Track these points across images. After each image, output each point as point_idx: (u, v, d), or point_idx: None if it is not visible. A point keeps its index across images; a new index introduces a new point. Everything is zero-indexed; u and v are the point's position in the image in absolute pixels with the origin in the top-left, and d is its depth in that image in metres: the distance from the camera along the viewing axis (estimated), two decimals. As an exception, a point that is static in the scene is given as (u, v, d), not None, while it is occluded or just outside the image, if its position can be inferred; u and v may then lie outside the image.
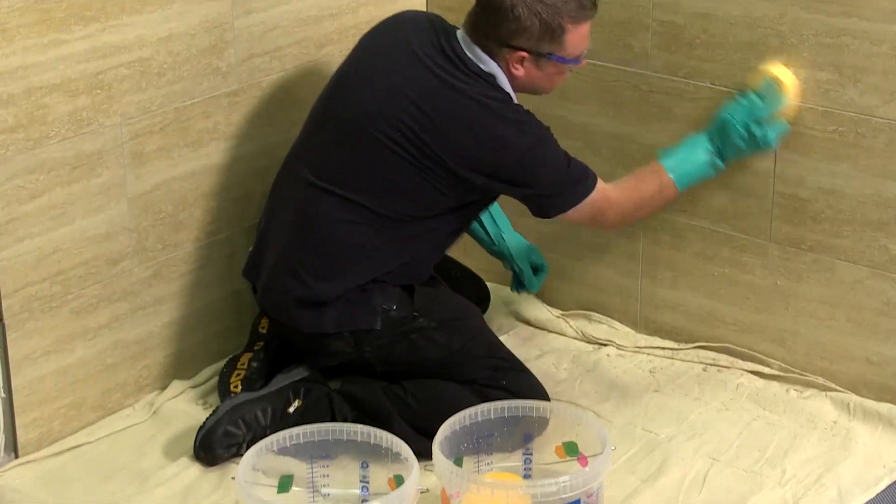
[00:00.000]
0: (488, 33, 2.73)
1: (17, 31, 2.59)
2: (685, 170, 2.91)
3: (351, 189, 2.76)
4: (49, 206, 2.74)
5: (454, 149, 2.71)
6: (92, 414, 2.94)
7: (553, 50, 2.73)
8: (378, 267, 2.79)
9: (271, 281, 2.85)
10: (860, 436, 2.88)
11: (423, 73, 2.74)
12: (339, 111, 2.82)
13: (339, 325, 2.78)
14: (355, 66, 2.87)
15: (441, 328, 2.82)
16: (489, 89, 2.73)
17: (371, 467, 2.62)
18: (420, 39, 2.78)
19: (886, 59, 2.79)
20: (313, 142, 2.85)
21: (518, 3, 2.68)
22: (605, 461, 2.50)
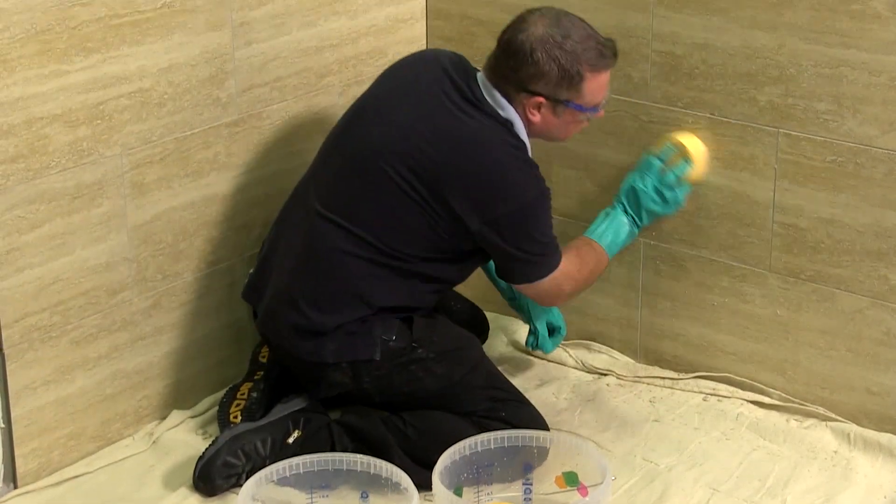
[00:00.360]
0: (507, 76, 2.72)
1: (18, 61, 2.60)
2: (612, 240, 2.97)
3: (357, 223, 2.76)
4: (49, 236, 2.74)
5: (460, 188, 2.70)
6: (91, 444, 2.93)
7: (571, 97, 2.73)
8: (380, 302, 2.78)
9: (272, 308, 2.85)
10: (861, 466, 2.87)
11: (439, 112, 2.74)
12: (351, 144, 2.82)
13: (337, 356, 2.78)
14: (372, 100, 2.88)
15: (440, 359, 2.82)
16: (505, 135, 2.73)
17: (371, 497, 2.62)
18: (440, 78, 2.78)
19: (885, 90, 2.80)
20: (324, 172, 2.85)
21: (538, 47, 2.67)
22: (606, 491, 2.50)
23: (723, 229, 3.10)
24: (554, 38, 2.68)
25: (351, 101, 3.26)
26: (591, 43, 2.71)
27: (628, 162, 3.16)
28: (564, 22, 2.71)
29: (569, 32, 2.69)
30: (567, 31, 2.69)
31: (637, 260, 3.23)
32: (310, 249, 2.80)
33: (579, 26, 2.72)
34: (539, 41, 2.68)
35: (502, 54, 2.73)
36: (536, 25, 2.69)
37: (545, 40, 2.68)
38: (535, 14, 2.72)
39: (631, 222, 3.00)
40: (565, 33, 2.69)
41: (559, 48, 2.68)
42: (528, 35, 2.69)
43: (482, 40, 3.34)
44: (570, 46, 2.68)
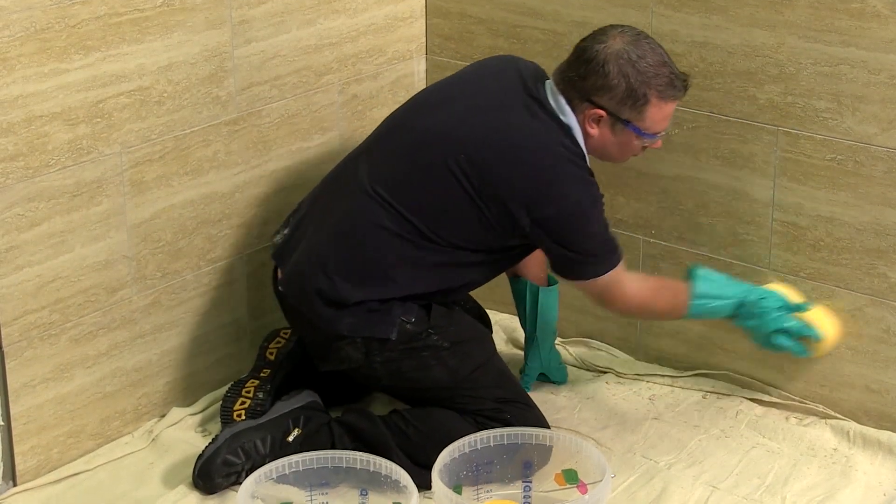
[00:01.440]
0: (574, 83, 2.73)
1: (18, 60, 2.60)
2: (700, 314, 2.89)
3: (404, 204, 2.75)
4: (48, 234, 2.74)
5: (512, 184, 2.70)
6: (91, 442, 2.93)
7: (632, 118, 2.72)
8: (406, 287, 2.78)
9: (299, 269, 2.82)
10: (860, 463, 2.87)
11: (502, 107, 2.75)
12: (412, 126, 2.83)
13: (354, 330, 2.77)
14: (440, 88, 2.90)
15: (452, 350, 2.81)
16: (563, 138, 2.73)
17: (370, 495, 2.62)
18: (511, 77, 2.80)
19: (884, 88, 2.80)
20: (379, 149, 2.85)
21: (611, 60, 2.68)
22: (605, 489, 2.50)
23: (722, 227, 3.10)
24: (629, 56, 2.68)
25: (350, 99, 3.27)
26: (665, 70, 2.71)
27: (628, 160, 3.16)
28: (643, 43, 2.71)
29: (645, 54, 2.69)
30: (644, 52, 2.69)
31: (636, 258, 3.23)
32: (351, 221, 2.79)
33: (657, 52, 2.72)
34: (614, 55, 2.68)
35: (575, 60, 2.73)
36: (615, 39, 2.70)
37: (620, 55, 2.68)
38: (616, 29, 2.73)
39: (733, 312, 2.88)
40: (641, 54, 2.69)
41: (632, 66, 2.68)
42: (605, 47, 2.69)
43: (481, 39, 3.34)
44: (643, 68, 2.68)
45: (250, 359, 3.17)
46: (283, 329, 3.10)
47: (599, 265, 2.78)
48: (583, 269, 2.78)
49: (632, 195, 3.21)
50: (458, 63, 3.39)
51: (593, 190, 2.75)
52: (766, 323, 2.86)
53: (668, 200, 3.15)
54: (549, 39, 3.23)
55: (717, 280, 2.89)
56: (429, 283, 2.80)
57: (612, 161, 2.85)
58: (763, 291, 2.89)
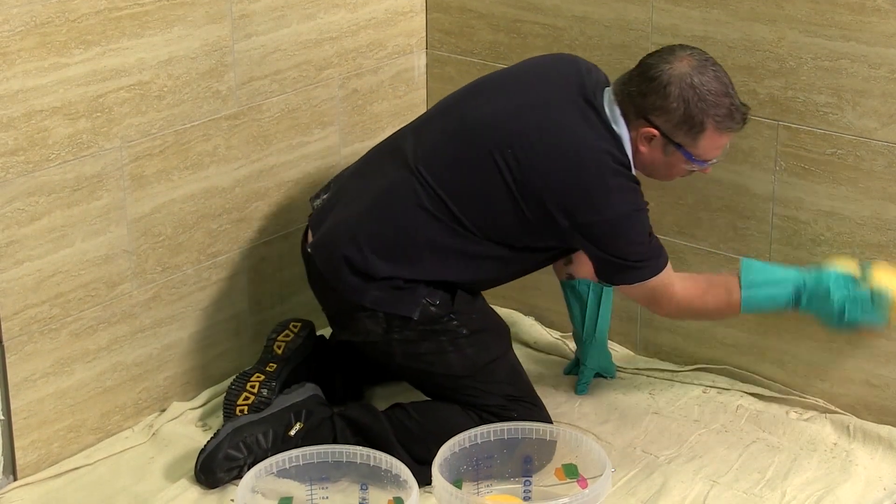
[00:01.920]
0: (633, 97, 2.71)
1: (18, 54, 2.60)
2: (757, 305, 2.83)
3: (446, 188, 2.75)
4: (49, 228, 2.74)
5: (555, 187, 2.69)
6: (91, 436, 2.94)
7: (685, 143, 2.71)
8: (434, 271, 2.77)
9: (331, 235, 2.81)
10: (860, 458, 2.88)
11: (557, 107, 2.74)
12: (465, 112, 2.82)
13: (377, 304, 2.76)
14: (499, 78, 2.89)
15: (471, 338, 2.81)
16: (612, 147, 2.70)
17: (371, 490, 2.62)
18: (570, 79, 2.78)
19: (885, 83, 2.80)
20: (429, 130, 2.85)
21: (674, 82, 2.66)
22: (605, 483, 2.50)
23: (722, 222, 3.10)
24: (692, 81, 2.66)
25: (350, 93, 3.28)
26: (726, 101, 2.68)
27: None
28: (709, 70, 2.68)
29: (709, 82, 2.67)
30: (708, 79, 2.67)
31: (637, 252, 3.22)
32: (391, 195, 2.79)
33: (722, 80, 2.69)
34: (677, 77, 2.66)
35: (638, 75, 2.72)
36: (682, 62, 2.68)
37: (683, 79, 2.66)
38: (685, 51, 2.71)
39: (793, 303, 2.82)
40: (705, 81, 2.67)
41: (693, 92, 2.66)
42: (671, 68, 2.67)
43: (481, 33, 3.34)
44: (704, 95, 2.66)
45: (251, 353, 3.17)
46: (293, 321, 3.09)
47: (644, 270, 2.76)
48: (627, 274, 2.76)
49: (632, 190, 3.21)
50: (458, 58, 3.39)
51: (636, 199, 2.73)
52: (833, 300, 2.77)
53: (669, 195, 3.15)
54: (549, 34, 3.23)
55: (767, 268, 2.85)
56: (456, 271, 2.79)
57: (658, 179, 2.84)
58: (819, 270, 2.82)
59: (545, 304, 3.40)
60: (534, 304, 3.42)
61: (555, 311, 3.38)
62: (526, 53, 3.00)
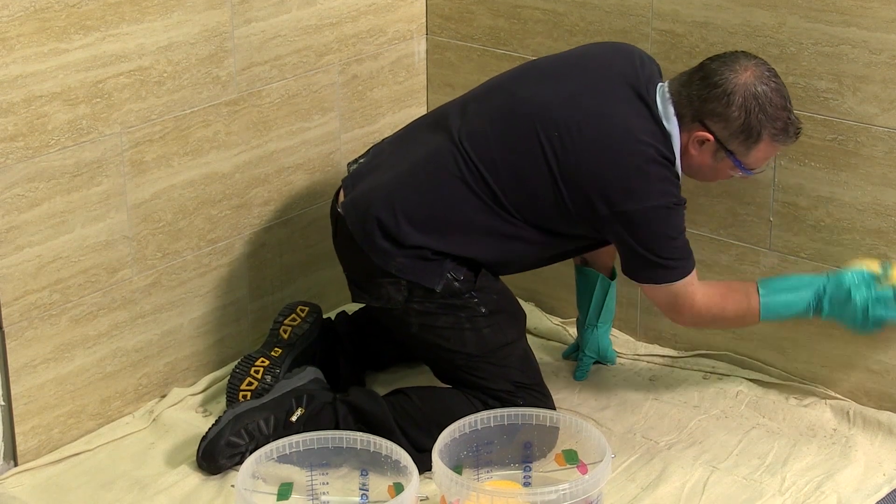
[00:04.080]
0: (692, 101, 2.71)
1: (17, 40, 2.60)
2: (776, 311, 2.83)
3: (486, 163, 2.74)
4: (49, 214, 2.74)
5: (598, 174, 2.69)
6: (91, 422, 2.94)
7: (737, 152, 2.72)
8: (463, 247, 2.77)
9: (365, 197, 2.80)
10: (860, 444, 2.88)
11: (608, 97, 2.74)
12: (515, 92, 2.81)
13: (402, 271, 2.76)
14: (552, 61, 2.89)
15: (488, 318, 2.80)
16: (659, 142, 2.71)
17: (371, 475, 2.62)
18: (623, 69, 2.78)
19: (886, 68, 2.80)
20: (476, 106, 2.84)
21: (738, 92, 2.67)
22: (605, 469, 2.50)
23: (722, 207, 3.09)
24: (756, 91, 2.67)
25: (351, 79, 3.27)
26: (784, 115, 2.70)
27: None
28: (772, 82, 2.70)
29: (771, 94, 2.68)
30: (770, 91, 2.68)
31: (637, 238, 3.22)
32: (431, 166, 2.78)
33: (782, 94, 2.70)
34: (743, 87, 2.67)
35: (700, 80, 2.71)
36: (747, 72, 2.68)
37: (748, 88, 2.67)
38: (751, 60, 2.71)
39: (813, 309, 2.82)
40: (768, 93, 2.68)
41: (756, 102, 2.67)
42: (736, 76, 2.68)
43: (481, 19, 3.34)
44: (765, 107, 2.67)
45: (251, 339, 3.18)
46: (301, 305, 3.09)
47: (673, 270, 2.76)
48: (655, 273, 2.76)
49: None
50: (458, 43, 3.39)
51: (677, 192, 2.73)
52: (855, 302, 2.77)
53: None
54: (549, 20, 3.23)
55: (786, 277, 2.87)
56: (485, 249, 2.78)
57: (699, 180, 2.85)
58: (838, 272, 2.82)
59: (546, 290, 3.40)
60: (534, 290, 3.42)
61: (555, 297, 3.38)
62: (526, 39, 2.99)
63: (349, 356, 3.08)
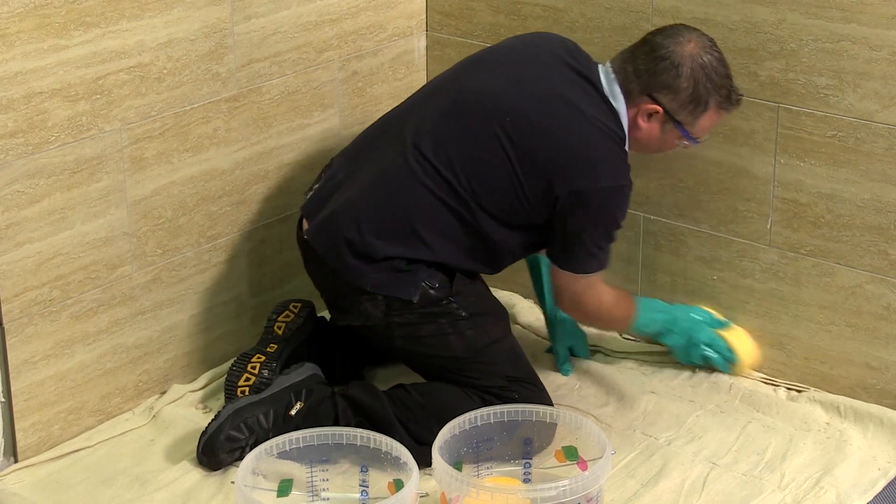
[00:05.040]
0: (640, 75, 2.75)
1: (17, 36, 2.60)
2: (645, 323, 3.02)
3: (444, 162, 2.76)
4: (49, 210, 2.74)
5: (556, 152, 2.72)
6: (91, 418, 2.94)
7: (685, 121, 2.77)
8: (433, 251, 2.77)
9: (330, 219, 2.81)
10: (853, 437, 2.89)
11: (554, 78, 2.78)
12: (461, 87, 2.83)
13: (377, 287, 2.76)
14: (490, 53, 2.91)
15: (470, 321, 2.81)
16: (609, 120, 2.75)
17: (371, 471, 2.62)
18: (562, 54, 2.82)
19: (886, 65, 2.80)
20: (425, 109, 2.85)
21: (686, 62, 2.72)
22: (605, 465, 2.50)
23: (722, 204, 3.10)
24: (702, 61, 2.73)
25: (350, 76, 3.27)
26: (727, 83, 2.77)
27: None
28: (715, 52, 2.76)
29: (715, 63, 2.75)
30: (714, 61, 2.75)
31: (637, 235, 3.23)
32: (390, 175, 2.79)
33: (724, 63, 2.78)
34: (689, 58, 2.73)
35: (647, 54, 2.76)
36: (691, 43, 2.74)
37: (694, 59, 2.73)
38: (692, 32, 2.77)
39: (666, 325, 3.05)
40: (712, 62, 2.74)
41: (703, 72, 2.73)
42: (682, 48, 2.73)
43: (481, 15, 3.34)
44: (711, 76, 2.73)
45: (251, 335, 3.18)
46: (293, 302, 3.09)
47: (596, 261, 2.81)
48: (580, 261, 2.81)
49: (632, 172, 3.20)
50: (458, 40, 3.39)
51: (629, 175, 2.78)
52: (695, 334, 3.04)
53: (669, 177, 3.15)
54: (549, 16, 3.22)
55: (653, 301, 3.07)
56: (456, 251, 2.79)
57: (646, 153, 2.89)
58: (691, 307, 3.07)
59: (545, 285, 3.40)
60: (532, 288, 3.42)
61: (554, 293, 3.38)
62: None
63: (346, 352, 3.08)
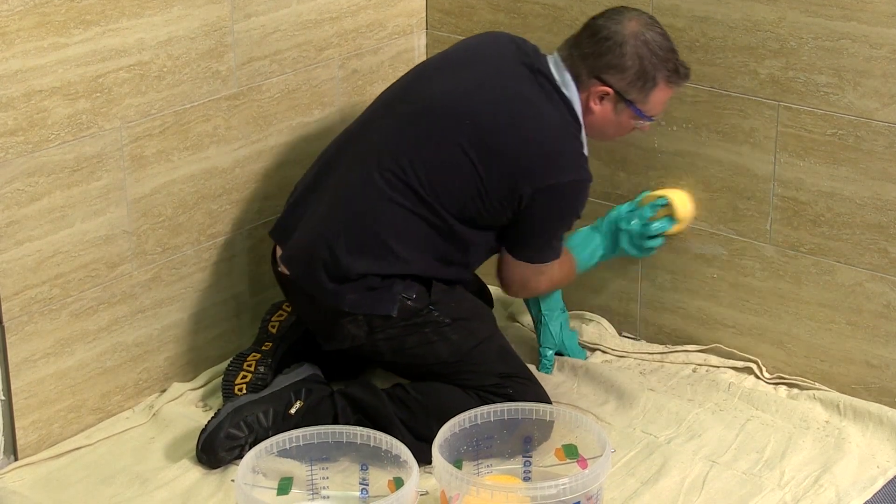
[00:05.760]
0: (585, 58, 2.77)
1: (17, 34, 2.60)
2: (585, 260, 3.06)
3: (408, 174, 2.76)
4: (49, 209, 2.74)
5: (520, 152, 2.73)
6: (91, 416, 2.94)
7: (636, 100, 2.78)
8: (407, 263, 2.77)
9: (301, 244, 2.82)
10: (852, 435, 2.89)
11: (508, 77, 2.78)
12: (416, 95, 2.84)
13: (355, 307, 2.77)
14: (441, 59, 2.92)
15: (454, 326, 2.82)
16: (564, 112, 2.77)
17: (371, 470, 2.62)
18: (510, 50, 2.83)
19: (886, 63, 2.80)
20: (381, 123, 2.85)
21: (629, 40, 2.74)
22: (605, 463, 2.50)
23: (723, 202, 3.09)
24: (645, 38, 2.74)
25: (351, 74, 3.27)
26: (673, 57, 2.78)
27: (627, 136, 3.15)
28: (656, 28, 2.78)
29: (658, 39, 2.76)
30: (657, 37, 2.76)
31: (637, 233, 3.23)
32: (355, 192, 2.79)
33: (667, 38, 2.79)
34: (632, 36, 2.74)
35: (590, 37, 2.77)
36: (632, 22, 2.75)
37: (637, 36, 2.74)
38: (631, 12, 2.79)
39: (605, 249, 3.08)
40: (655, 38, 2.76)
41: (647, 48, 2.74)
42: (623, 27, 2.74)
43: (481, 13, 3.34)
44: (656, 51, 2.75)
45: (251, 334, 3.18)
46: (286, 302, 3.10)
47: (553, 252, 2.85)
48: (539, 251, 2.85)
49: (633, 170, 3.20)
50: (458, 38, 3.38)
51: (585, 166, 2.79)
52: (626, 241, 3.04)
53: (669, 175, 3.15)
54: (549, 14, 3.23)
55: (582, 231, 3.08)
56: (432, 260, 2.80)
57: (603, 139, 2.90)
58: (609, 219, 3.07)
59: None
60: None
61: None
62: (526, 34, 2.99)
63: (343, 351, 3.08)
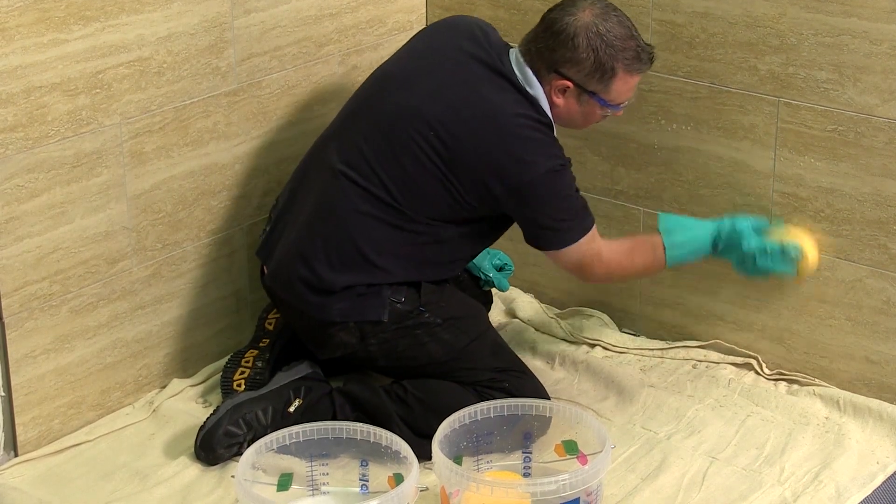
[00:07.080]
0: (542, 54, 2.75)
1: (17, 30, 2.60)
2: (681, 255, 2.90)
3: (377, 183, 2.76)
4: (48, 205, 2.74)
5: (485, 154, 2.72)
6: (91, 412, 2.94)
7: (598, 90, 2.76)
8: (392, 273, 2.78)
9: (283, 262, 2.83)
10: (852, 431, 2.89)
11: (468, 81, 2.77)
12: (379, 105, 2.83)
13: (345, 315, 2.78)
14: (402, 64, 2.89)
15: (446, 325, 2.82)
16: (529, 109, 2.75)
17: (371, 466, 2.63)
18: (472, 49, 2.81)
19: (886, 59, 2.79)
20: (347, 133, 2.85)
21: (581, 33, 2.71)
22: (605, 459, 2.50)
23: (723, 198, 3.09)
24: (598, 29, 2.71)
25: (350, 70, 3.27)
26: (632, 44, 2.74)
27: (627, 131, 3.16)
28: (612, 16, 2.74)
29: (613, 28, 2.72)
30: (612, 26, 2.73)
31: (637, 229, 3.22)
32: (327, 207, 2.80)
33: (624, 25, 2.75)
34: (583, 27, 2.71)
35: (543, 32, 2.76)
36: (585, 12, 2.73)
37: (589, 28, 2.71)
38: (585, 1, 2.75)
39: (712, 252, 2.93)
40: (610, 28, 2.72)
41: (601, 39, 2.71)
42: (575, 19, 2.72)
43: (481, 10, 3.33)
44: (611, 42, 2.71)
45: (250, 330, 3.18)
46: None
47: (573, 231, 2.80)
48: (556, 238, 2.80)
49: (632, 166, 3.20)
50: (458, 34, 3.38)
51: (561, 155, 2.78)
52: (745, 248, 2.87)
53: (669, 172, 3.15)
54: (549, 10, 3.22)
55: (685, 222, 2.94)
56: (414, 264, 2.80)
57: (575, 128, 2.90)
58: (733, 219, 2.92)
59: (545, 281, 3.41)
60: (534, 282, 3.43)
61: (554, 287, 3.38)
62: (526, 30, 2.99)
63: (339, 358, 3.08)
